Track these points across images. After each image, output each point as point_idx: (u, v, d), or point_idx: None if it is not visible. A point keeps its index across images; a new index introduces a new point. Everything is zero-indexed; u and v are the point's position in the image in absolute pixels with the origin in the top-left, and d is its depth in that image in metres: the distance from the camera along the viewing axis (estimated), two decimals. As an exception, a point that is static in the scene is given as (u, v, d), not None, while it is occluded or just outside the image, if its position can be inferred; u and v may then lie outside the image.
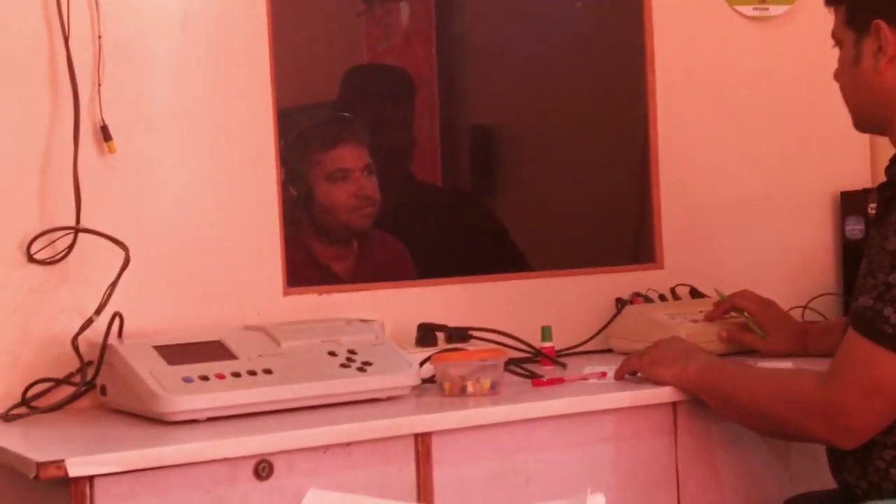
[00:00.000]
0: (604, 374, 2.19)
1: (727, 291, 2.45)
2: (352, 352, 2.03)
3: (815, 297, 2.72)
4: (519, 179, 2.70)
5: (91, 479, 1.63)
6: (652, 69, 2.69)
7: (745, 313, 2.40)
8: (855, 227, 2.76)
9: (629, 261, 2.67)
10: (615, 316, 2.56)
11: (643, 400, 2.08)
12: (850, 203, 2.80)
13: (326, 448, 1.80)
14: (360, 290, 2.40)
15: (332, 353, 2.02)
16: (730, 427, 2.14)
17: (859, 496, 1.97)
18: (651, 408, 2.09)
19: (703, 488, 2.13)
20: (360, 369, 1.99)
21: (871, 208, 2.49)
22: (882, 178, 2.08)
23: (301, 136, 2.44)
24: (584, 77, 2.74)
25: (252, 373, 1.92)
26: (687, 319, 2.41)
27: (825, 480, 2.13)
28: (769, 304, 2.43)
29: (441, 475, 1.90)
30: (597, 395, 2.05)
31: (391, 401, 2.01)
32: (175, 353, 1.92)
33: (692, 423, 2.12)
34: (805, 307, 2.69)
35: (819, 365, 2.04)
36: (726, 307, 2.42)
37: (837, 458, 2.04)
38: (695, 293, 2.62)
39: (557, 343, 2.42)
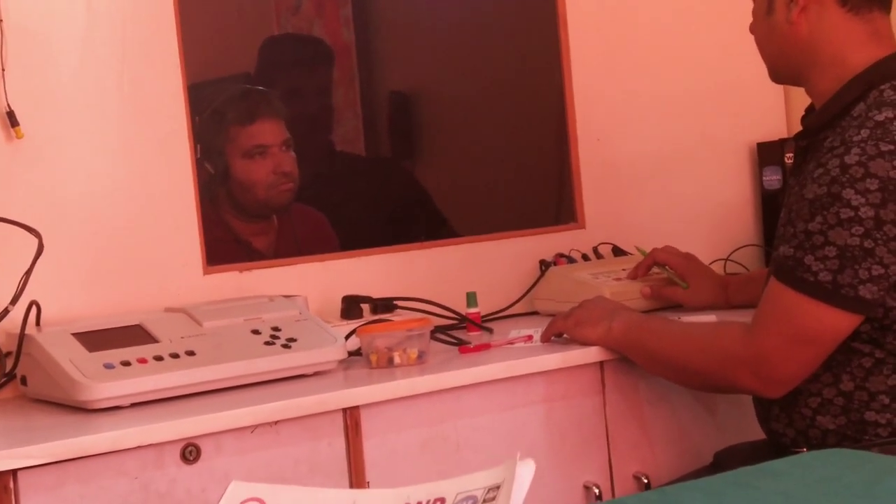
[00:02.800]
0: (530, 338, 2.19)
1: (649, 248, 2.46)
2: (276, 329, 2.01)
3: (736, 249, 2.74)
4: (439, 145, 2.68)
5: (14, 472, 1.60)
6: (565, 28, 2.68)
7: (667, 267, 2.41)
8: (772, 178, 2.77)
9: (551, 222, 2.67)
10: (539, 278, 2.55)
11: (570, 361, 2.08)
12: (766, 154, 2.81)
13: (254, 428, 1.78)
14: (282, 265, 2.38)
15: (255, 332, 1.99)
16: (657, 383, 2.15)
17: (787, 445, 1.99)
18: (578, 368, 2.09)
19: (634, 445, 2.14)
20: (285, 346, 1.97)
21: (788, 158, 2.51)
22: (798, 128, 2.09)
23: (216, 112, 2.40)
24: (499, 39, 2.72)
25: (175, 356, 1.89)
26: (610, 278, 2.42)
27: (753, 431, 2.15)
28: (689, 258, 2.44)
29: (371, 448, 1.89)
30: (524, 358, 2.05)
31: (318, 376, 1.99)
32: (95, 340, 1.89)
33: (620, 381, 2.13)
34: (727, 259, 2.71)
35: (742, 316, 2.05)
36: (648, 263, 2.42)
37: (764, 409, 2.06)
38: (617, 251, 2.62)
39: (483, 308, 2.42)
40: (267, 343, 1.98)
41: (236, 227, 2.40)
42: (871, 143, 1.87)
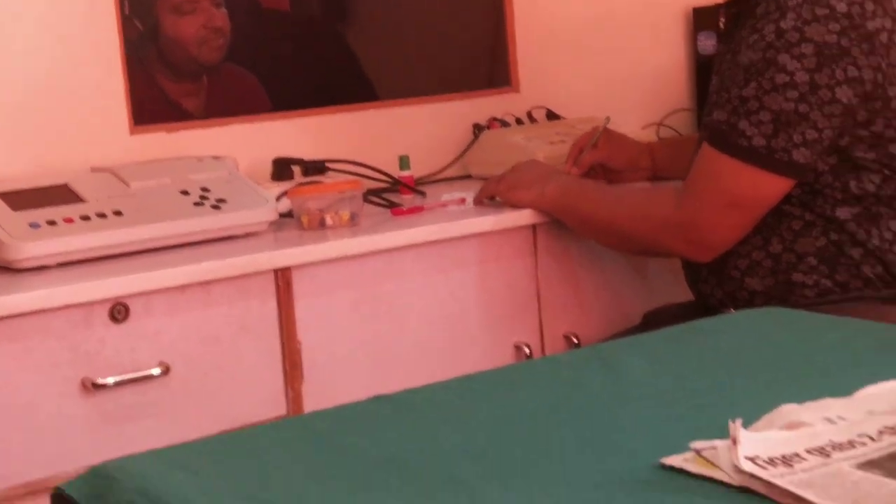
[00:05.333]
0: (463, 201, 2.18)
1: (581, 112, 2.44)
2: (205, 190, 1.98)
3: (670, 114, 2.73)
4: (370, 6, 2.62)
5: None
6: None
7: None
8: (707, 43, 2.75)
9: (485, 85, 2.63)
10: (473, 142, 2.53)
11: (503, 224, 2.07)
12: (702, 18, 2.79)
13: (184, 288, 1.76)
14: (211, 126, 2.33)
15: (184, 192, 1.96)
16: (589, 246, 2.16)
17: (715, 306, 2.01)
18: (511, 231, 2.09)
19: (564, 306, 2.15)
20: (215, 207, 1.94)
21: (722, 23, 2.49)
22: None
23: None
24: None
25: (102, 215, 1.85)
26: (544, 142, 2.40)
27: (682, 293, 2.17)
28: (618, 136, 2.38)
29: (303, 309, 1.88)
30: (457, 221, 2.04)
31: (248, 238, 1.97)
32: (20, 199, 1.85)
33: (552, 244, 2.13)
34: (660, 124, 2.71)
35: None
36: (584, 142, 2.35)
37: (693, 271, 2.08)
38: (551, 115, 2.60)
39: (416, 171, 2.40)
40: (196, 204, 1.94)
41: (166, 86, 2.34)
42: (806, 7, 1.85)
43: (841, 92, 1.84)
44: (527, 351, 2.08)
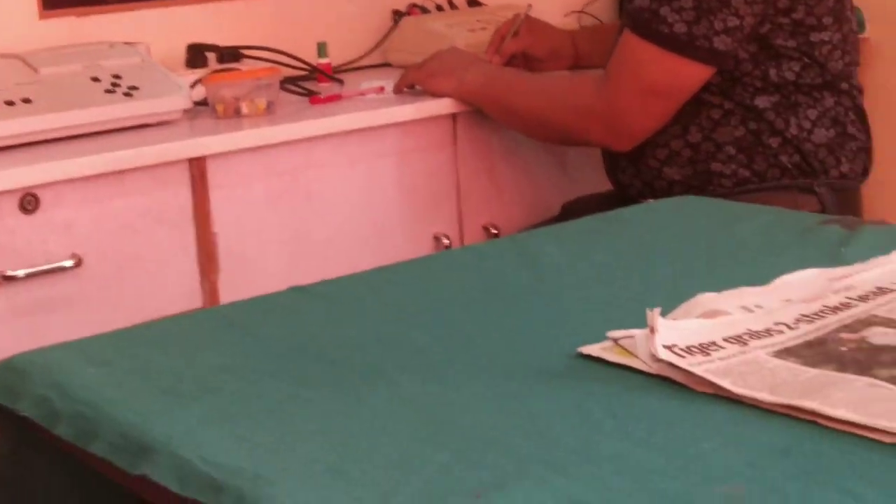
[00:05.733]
0: (382, 89, 2.15)
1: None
2: (117, 77, 1.92)
3: (591, 1, 2.70)
4: None
5: None
6: None
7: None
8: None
9: (404, -30, 2.59)
10: (392, 29, 2.48)
11: (422, 113, 2.05)
12: None
13: (96, 178, 1.73)
14: (123, 10, 2.26)
15: (95, 79, 1.90)
16: (509, 135, 2.14)
17: (633, 196, 2.01)
18: (430, 121, 2.06)
19: (485, 198, 2.14)
20: (127, 94, 1.89)
21: None
22: None
23: None
24: None
25: (10, 103, 1.78)
26: (464, 29, 2.36)
27: (601, 183, 2.17)
28: (540, 24, 2.36)
29: (218, 199, 1.85)
30: (376, 110, 2.01)
31: (162, 126, 1.92)
32: (-79, 90, 1.79)
33: (472, 133, 2.11)
34: (581, 12, 2.68)
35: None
36: (505, 30, 2.33)
37: (612, 160, 2.08)
38: (472, 2, 2.56)
39: (334, 59, 2.35)
40: (108, 91, 1.89)
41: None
42: None
43: (762, -21, 1.84)
44: (446, 242, 2.07)
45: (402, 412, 0.86)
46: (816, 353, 0.89)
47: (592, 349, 0.95)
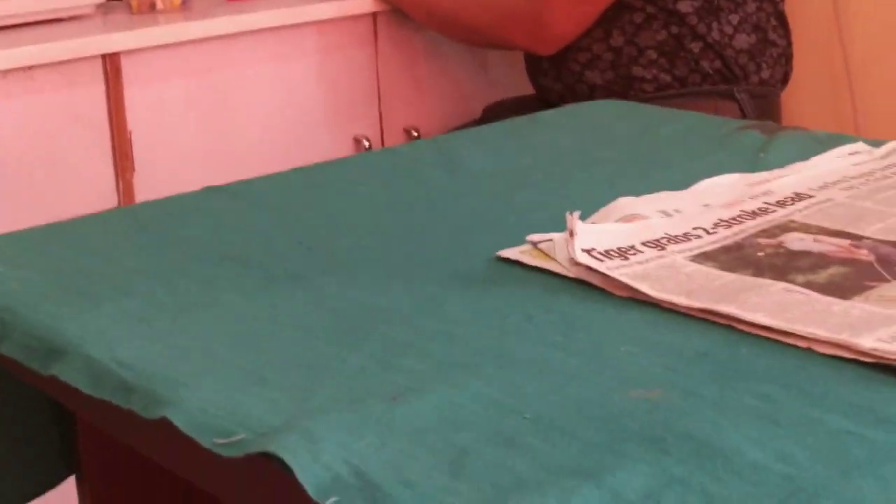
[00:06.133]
0: (301, -14, 2.11)
1: None
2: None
3: None
4: None
5: None
6: None
7: None
8: None
9: None
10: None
11: (343, 11, 2.02)
12: None
13: (5, 73, 1.68)
14: None
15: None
16: (430, 37, 2.12)
17: (555, 100, 2.01)
18: (351, 19, 2.04)
19: (406, 100, 2.13)
20: (38, -12, 1.85)
21: None
22: None
23: None
24: None
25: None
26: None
27: (523, 86, 2.16)
28: None
29: (133, 97, 1.82)
30: (294, 7, 1.98)
31: (75, 20, 1.88)
32: None
33: (393, 33, 2.09)
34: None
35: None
36: None
37: (535, 65, 2.07)
38: None
39: (252, -45, 2.31)
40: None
41: None
42: None
43: None
44: (366, 144, 2.06)
45: (319, 315, 0.85)
46: (734, 257, 0.90)
47: (511, 252, 0.94)
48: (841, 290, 0.82)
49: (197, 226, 1.07)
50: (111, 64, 1.79)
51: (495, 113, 2.13)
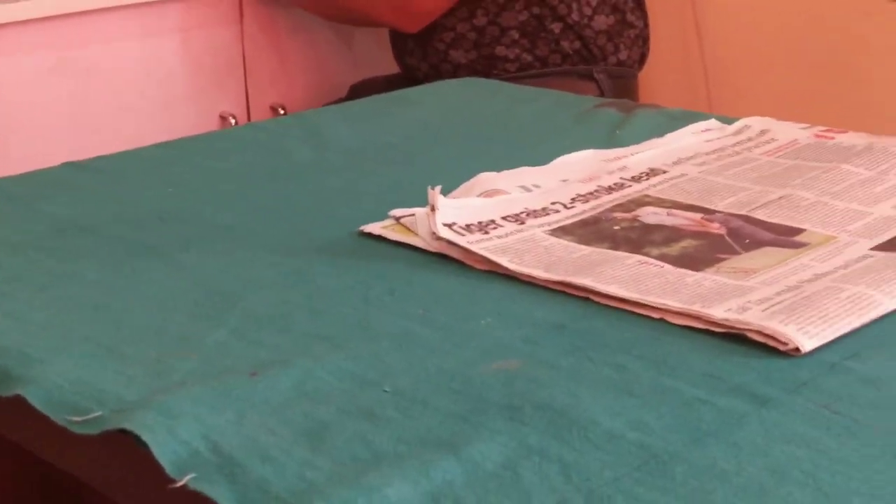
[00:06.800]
0: (167, -37, 2.07)
1: None
2: None
3: None
4: None
5: None
6: None
7: None
8: None
9: None
10: None
11: (209, -12, 1.99)
12: None
13: None
14: None
15: None
16: (296, 13, 2.10)
17: (420, 79, 2.00)
18: (217, -5, 2.01)
19: (271, 77, 2.10)
20: None
21: None
22: None
23: None
24: None
25: None
26: None
27: (389, 66, 2.15)
28: None
29: (-2, 70, 1.76)
30: (159, -17, 1.94)
31: (-66, -6, 1.82)
32: None
33: (258, 10, 2.06)
34: None
35: None
36: None
37: (400, 43, 2.06)
38: None
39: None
40: None
41: None
42: None
43: None
44: (232, 121, 2.03)
45: (180, 289, 0.83)
46: (590, 231, 0.90)
47: (374, 227, 0.93)
48: (693, 262, 0.83)
49: (56, 200, 1.04)
50: (-28, 38, 1.74)
51: (362, 91, 2.10)
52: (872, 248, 0.84)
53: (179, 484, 0.59)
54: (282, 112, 2.08)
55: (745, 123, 1.16)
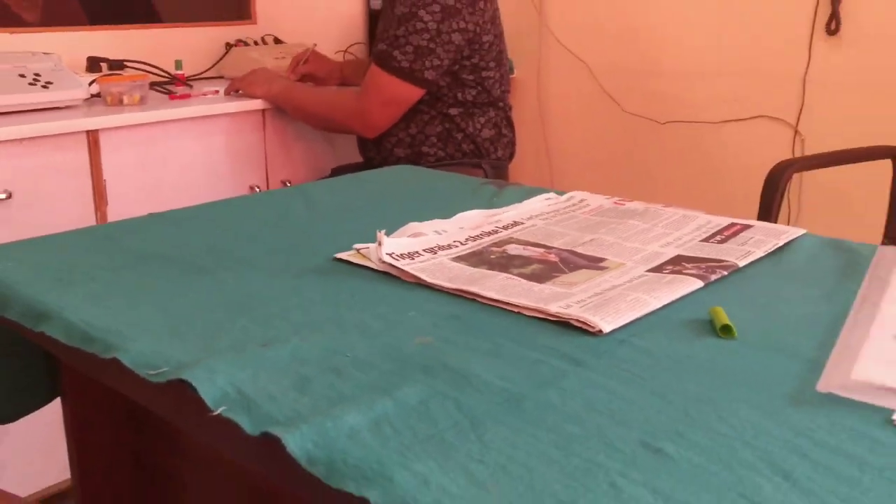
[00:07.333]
0: (217, 92, 2.05)
1: (297, 40, 2.32)
2: (37, 75, 1.76)
3: (352, 45, 2.65)
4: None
5: None
6: None
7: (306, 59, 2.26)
8: (376, 2, 2.67)
9: (234, 18, 2.46)
10: (225, 54, 2.37)
11: (243, 108, 1.96)
12: (374, -14, 2.70)
13: (28, 141, 1.57)
14: (44, 31, 2.07)
15: (21, 76, 1.73)
16: (299, 125, 2.08)
17: (375, 164, 2.00)
18: (248, 113, 1.98)
19: (283, 162, 2.08)
20: (44, 87, 1.73)
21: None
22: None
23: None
24: None
25: (-42, 88, 1.61)
26: (272, 58, 2.27)
27: (356, 156, 2.14)
28: (321, 56, 2.30)
29: (107, 158, 1.72)
30: (213, 104, 1.91)
31: (68, 109, 1.77)
32: None
33: (276, 123, 2.04)
34: (345, 51, 2.62)
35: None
36: (298, 60, 2.26)
37: (363, 143, 2.05)
38: (277, 41, 2.46)
39: (186, 71, 2.23)
40: (30, 84, 1.73)
41: (10, 2, 2.06)
42: None
43: (456, 37, 1.83)
44: (257, 189, 2.00)
45: (217, 294, 0.82)
46: (477, 259, 0.90)
47: (344, 255, 0.92)
48: (539, 278, 0.83)
49: (141, 238, 1.01)
50: (92, 137, 1.69)
51: (339, 172, 2.10)
52: (647, 271, 0.85)
53: (215, 413, 0.58)
54: (288, 184, 2.06)
55: (571, 195, 1.17)
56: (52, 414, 1.10)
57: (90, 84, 1.85)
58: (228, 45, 2.38)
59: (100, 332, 0.72)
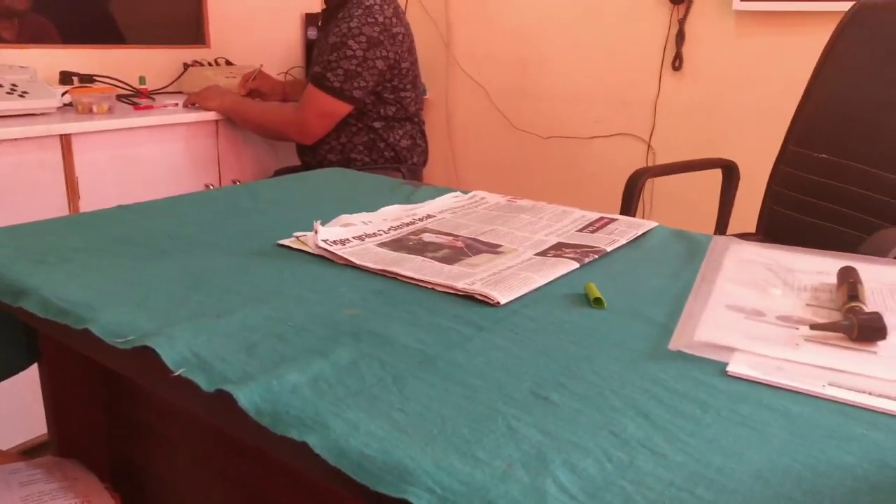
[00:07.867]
0: (176, 105, 1.96)
1: (246, 62, 2.25)
2: (14, 85, 1.65)
3: (292, 68, 2.59)
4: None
5: None
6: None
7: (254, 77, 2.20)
8: (312, 32, 2.61)
9: (191, 41, 2.36)
10: (183, 72, 2.27)
11: (199, 118, 1.89)
12: (309, 19, 2.63)
13: (10, 142, 1.47)
14: (21, 48, 1.94)
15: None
16: (247, 134, 2.02)
17: (312, 167, 1.96)
18: (203, 122, 1.91)
19: (233, 163, 2.01)
20: (21, 95, 1.63)
21: (320, 22, 2.36)
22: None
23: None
24: None
25: (-58, 95, 1.49)
26: (224, 76, 2.20)
27: (295, 160, 2.09)
28: (266, 75, 2.24)
29: (79, 159, 1.63)
30: (172, 114, 1.83)
31: (43, 116, 1.67)
32: None
33: (227, 131, 1.97)
34: (287, 73, 2.55)
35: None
36: (247, 78, 2.19)
37: (301, 149, 2.01)
38: (228, 62, 2.38)
39: (150, 86, 2.13)
40: (8, 93, 1.62)
41: (-13, 22, 1.92)
42: (363, 16, 1.79)
43: (379, 63, 1.81)
44: (211, 187, 1.93)
45: (177, 273, 0.78)
46: (397, 245, 0.89)
47: (285, 241, 0.90)
48: (449, 260, 0.83)
49: (112, 226, 0.96)
50: (65, 141, 1.59)
51: (281, 173, 2.05)
52: (535, 255, 0.86)
53: (176, 374, 0.55)
54: (237, 182, 1.99)
55: (473, 194, 1.17)
56: (27, 375, 1.03)
57: (63, 94, 1.75)
58: (186, 65, 2.29)
59: (72, 305, 0.67)
